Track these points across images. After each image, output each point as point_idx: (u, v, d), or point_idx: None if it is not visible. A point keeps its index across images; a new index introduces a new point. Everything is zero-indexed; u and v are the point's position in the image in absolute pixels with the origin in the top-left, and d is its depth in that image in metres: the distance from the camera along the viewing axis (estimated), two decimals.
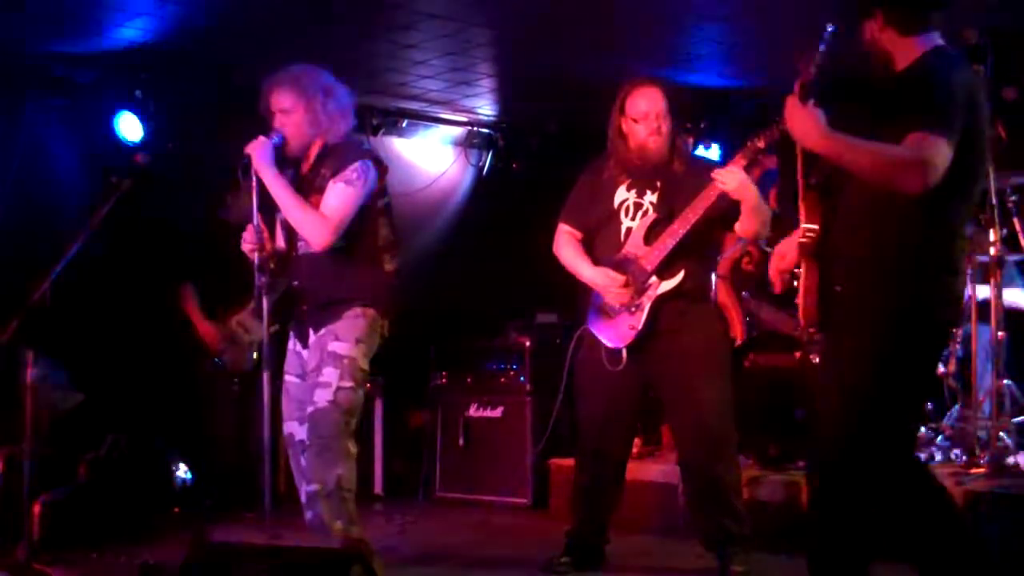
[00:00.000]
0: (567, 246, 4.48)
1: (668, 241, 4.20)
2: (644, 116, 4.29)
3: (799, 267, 3.32)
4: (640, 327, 4.23)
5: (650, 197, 4.32)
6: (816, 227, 3.24)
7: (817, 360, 4.94)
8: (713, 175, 4.12)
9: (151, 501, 5.89)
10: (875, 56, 3.22)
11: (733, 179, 4.07)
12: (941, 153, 2.93)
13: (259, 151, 3.88)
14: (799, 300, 3.29)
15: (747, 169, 4.11)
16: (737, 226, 4.24)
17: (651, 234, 4.27)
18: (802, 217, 3.28)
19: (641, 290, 4.24)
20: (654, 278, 4.23)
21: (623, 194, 4.37)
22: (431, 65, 6.55)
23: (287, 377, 4.10)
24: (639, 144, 4.32)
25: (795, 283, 3.37)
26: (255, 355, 5.76)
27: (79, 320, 5.91)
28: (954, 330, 5.07)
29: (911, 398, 3.13)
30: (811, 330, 3.30)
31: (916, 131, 2.94)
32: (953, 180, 2.98)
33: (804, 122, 3.10)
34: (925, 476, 3.20)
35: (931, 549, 3.16)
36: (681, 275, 4.22)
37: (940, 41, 3.18)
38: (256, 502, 5.42)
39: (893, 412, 3.08)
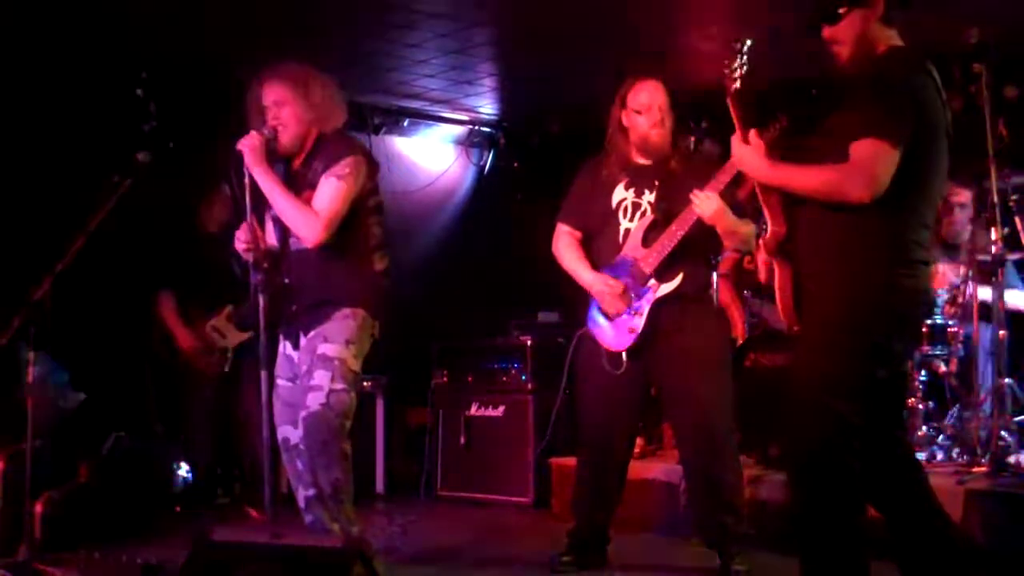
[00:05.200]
0: (567, 248, 4.47)
1: (666, 243, 4.19)
2: (647, 108, 4.28)
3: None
4: (640, 330, 4.22)
5: (648, 197, 4.31)
6: (782, 227, 3.28)
7: None
8: (691, 196, 4.11)
9: (152, 501, 5.91)
10: (841, 52, 3.22)
11: (707, 206, 4.08)
12: (883, 161, 3.00)
13: (251, 147, 3.85)
14: (777, 300, 3.36)
15: (736, 180, 4.09)
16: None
17: (649, 236, 4.26)
18: (767, 218, 3.33)
19: (640, 293, 4.24)
20: (653, 281, 4.22)
21: (621, 193, 4.36)
22: (432, 64, 6.55)
23: (278, 381, 4.06)
24: (641, 137, 4.31)
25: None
26: (228, 361, 5.79)
27: (80, 320, 5.91)
28: (926, 323, 5.13)
29: (861, 389, 3.13)
30: (794, 328, 3.34)
31: (861, 137, 3.01)
32: (904, 178, 3.03)
33: (746, 157, 3.32)
34: (885, 475, 3.22)
35: (907, 547, 3.20)
36: (680, 277, 4.21)
37: (899, 40, 3.21)
38: (258, 501, 5.46)
39: (840, 400, 3.08)
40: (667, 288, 4.21)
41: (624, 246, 4.31)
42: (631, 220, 4.32)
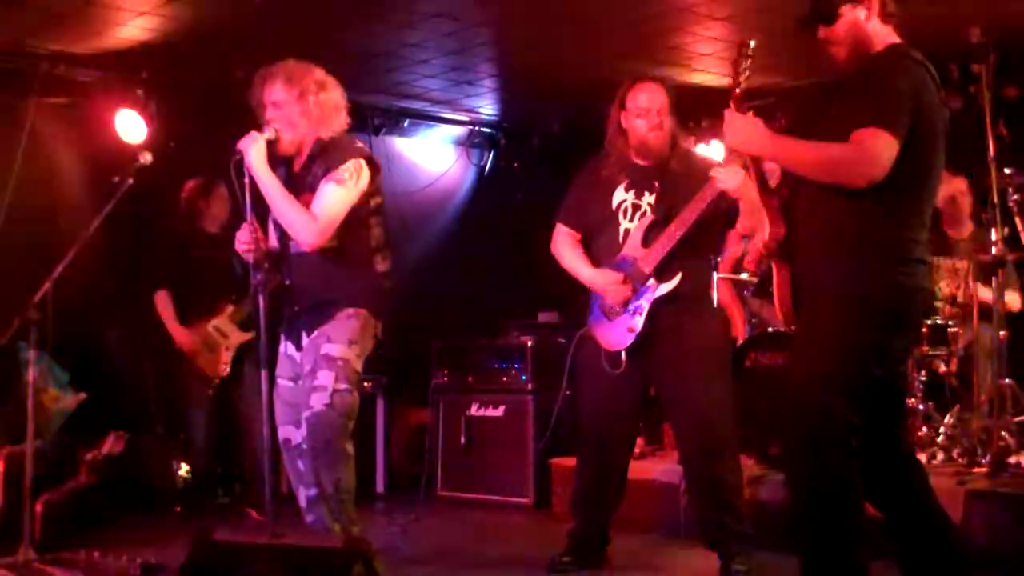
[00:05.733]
0: (567, 248, 4.47)
1: (666, 243, 4.19)
2: (646, 111, 4.27)
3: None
4: (639, 330, 4.22)
5: (648, 198, 4.30)
6: (781, 228, 3.27)
7: None
8: (712, 173, 4.09)
9: (152, 501, 5.91)
10: (838, 52, 3.23)
11: (733, 178, 4.04)
12: (885, 148, 2.99)
13: (252, 147, 3.83)
14: (775, 301, 3.35)
15: (746, 167, 4.08)
16: (739, 224, 4.23)
17: (649, 236, 4.26)
18: (767, 219, 3.31)
19: (640, 293, 4.23)
20: (652, 280, 4.22)
21: (621, 195, 4.35)
22: (433, 64, 6.55)
23: (280, 381, 4.05)
24: (640, 139, 4.30)
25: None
26: (229, 362, 5.79)
27: (80, 320, 5.92)
28: (926, 323, 5.13)
29: (859, 387, 3.12)
30: (792, 327, 3.33)
31: (862, 126, 3.00)
32: (902, 175, 3.03)
33: (744, 130, 3.23)
34: (883, 473, 3.22)
35: (907, 546, 3.20)
36: (679, 277, 4.20)
37: (896, 38, 3.22)
38: (258, 501, 5.46)
39: (839, 398, 3.07)
40: (666, 288, 4.21)
41: (624, 246, 4.31)
42: (631, 221, 4.32)
